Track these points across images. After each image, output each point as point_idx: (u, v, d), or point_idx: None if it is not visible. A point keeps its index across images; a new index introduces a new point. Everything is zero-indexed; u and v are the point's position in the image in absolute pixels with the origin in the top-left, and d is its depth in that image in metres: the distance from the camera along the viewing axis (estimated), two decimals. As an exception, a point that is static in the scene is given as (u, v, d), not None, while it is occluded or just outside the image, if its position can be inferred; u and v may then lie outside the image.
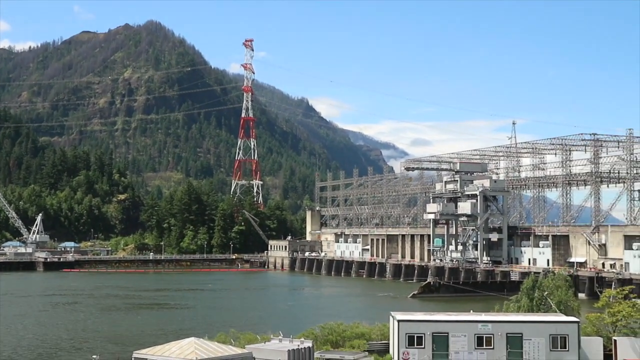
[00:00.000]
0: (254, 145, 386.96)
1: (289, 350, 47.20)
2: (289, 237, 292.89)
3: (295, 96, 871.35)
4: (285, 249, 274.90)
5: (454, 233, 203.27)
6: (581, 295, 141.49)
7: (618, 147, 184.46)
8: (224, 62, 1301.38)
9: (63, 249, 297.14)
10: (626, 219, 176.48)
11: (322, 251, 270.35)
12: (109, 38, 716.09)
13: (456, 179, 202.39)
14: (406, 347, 51.18)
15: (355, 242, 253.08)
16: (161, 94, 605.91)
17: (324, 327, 62.13)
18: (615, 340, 53.83)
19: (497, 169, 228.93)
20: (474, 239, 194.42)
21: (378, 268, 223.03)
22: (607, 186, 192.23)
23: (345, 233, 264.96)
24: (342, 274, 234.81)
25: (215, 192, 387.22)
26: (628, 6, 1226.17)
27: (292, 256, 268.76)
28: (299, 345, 48.93)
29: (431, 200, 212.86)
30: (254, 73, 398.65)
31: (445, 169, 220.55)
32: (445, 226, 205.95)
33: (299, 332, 60.51)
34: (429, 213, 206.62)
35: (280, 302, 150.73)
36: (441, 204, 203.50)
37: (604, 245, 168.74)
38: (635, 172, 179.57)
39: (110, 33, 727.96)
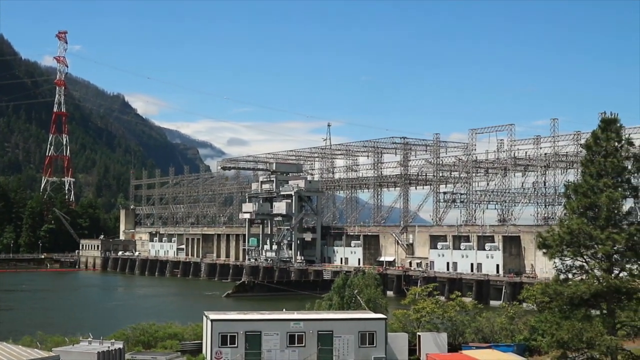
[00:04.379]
0: (66, 141, 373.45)
1: (98, 352, 46.06)
2: (101, 236, 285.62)
3: (111, 92, 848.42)
4: (98, 248, 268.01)
5: (269, 233, 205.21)
6: (390, 293, 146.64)
7: (426, 151, 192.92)
8: (35, 53, 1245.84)
9: None
10: (432, 219, 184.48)
11: (135, 250, 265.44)
12: None
13: (272, 179, 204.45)
14: (219, 347, 51.27)
15: (170, 242, 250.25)
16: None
17: (136, 328, 60.97)
18: (419, 336, 56.03)
19: (312, 169, 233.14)
20: (289, 239, 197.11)
21: (193, 267, 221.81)
22: (415, 188, 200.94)
23: (160, 232, 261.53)
24: (157, 273, 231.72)
25: (24, 189, 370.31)
26: (429, 10, 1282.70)
27: (105, 256, 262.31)
28: (109, 347, 47.87)
29: (247, 200, 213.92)
30: (67, 66, 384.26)
31: (262, 169, 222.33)
32: (261, 226, 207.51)
33: (110, 334, 59.16)
34: (244, 213, 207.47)
35: (91, 302, 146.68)
36: (257, 203, 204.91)
37: (412, 244, 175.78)
38: (441, 174, 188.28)
39: None
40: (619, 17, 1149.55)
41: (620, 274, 39.00)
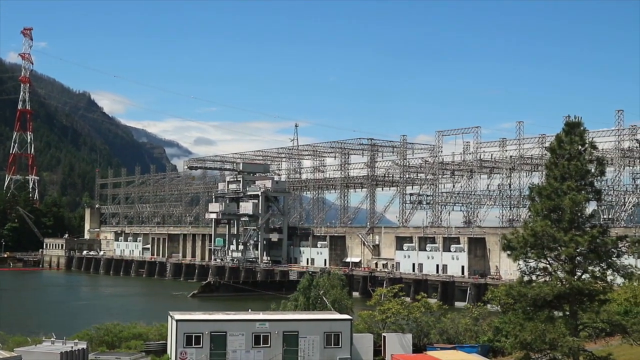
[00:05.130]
0: (30, 138, 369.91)
1: (61, 352, 45.62)
2: (66, 235, 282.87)
3: (77, 90, 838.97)
4: (62, 247, 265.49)
5: (236, 233, 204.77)
6: (355, 294, 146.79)
7: (393, 153, 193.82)
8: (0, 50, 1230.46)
9: None
10: (398, 220, 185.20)
11: (100, 250, 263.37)
12: None
13: (239, 179, 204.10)
14: (184, 347, 51.04)
15: (136, 241, 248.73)
16: None
17: (100, 328, 60.56)
18: (384, 337, 56.12)
19: (279, 170, 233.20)
20: (255, 239, 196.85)
21: (158, 267, 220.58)
22: (382, 189, 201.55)
23: (126, 232, 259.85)
24: (122, 273, 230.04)
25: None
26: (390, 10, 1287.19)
27: (69, 255, 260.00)
28: (72, 347, 47.46)
29: (213, 200, 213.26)
30: (32, 63, 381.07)
31: (229, 169, 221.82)
32: (227, 226, 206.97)
33: (74, 334, 58.65)
34: (211, 212, 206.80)
35: (55, 302, 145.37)
36: (223, 203, 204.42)
37: (378, 245, 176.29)
38: (407, 176, 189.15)
39: None
40: (582, 24, 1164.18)
41: (583, 276, 39.33)
